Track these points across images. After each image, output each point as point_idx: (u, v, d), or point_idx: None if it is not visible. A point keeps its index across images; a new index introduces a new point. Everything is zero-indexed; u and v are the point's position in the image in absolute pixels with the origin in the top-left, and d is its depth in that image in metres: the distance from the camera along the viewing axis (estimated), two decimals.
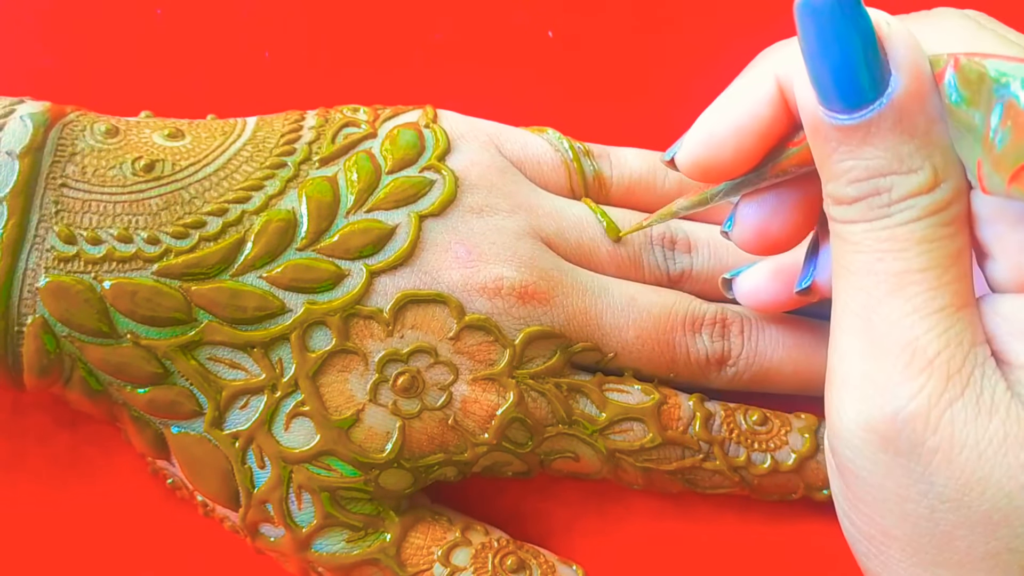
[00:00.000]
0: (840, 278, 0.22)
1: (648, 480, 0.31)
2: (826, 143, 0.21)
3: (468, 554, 0.30)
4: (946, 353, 0.20)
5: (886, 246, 0.21)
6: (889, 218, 0.21)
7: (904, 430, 0.20)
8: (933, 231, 0.21)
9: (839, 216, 0.22)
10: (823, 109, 0.21)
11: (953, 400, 0.20)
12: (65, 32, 0.36)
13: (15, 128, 0.28)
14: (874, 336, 0.21)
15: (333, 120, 0.31)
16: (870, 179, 0.21)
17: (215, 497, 0.29)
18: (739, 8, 0.37)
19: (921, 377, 0.20)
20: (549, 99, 0.36)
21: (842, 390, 0.22)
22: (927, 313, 0.21)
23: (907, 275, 0.21)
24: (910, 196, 0.21)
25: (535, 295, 0.29)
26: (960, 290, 0.21)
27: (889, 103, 0.20)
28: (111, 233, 0.28)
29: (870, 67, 0.20)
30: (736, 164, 0.24)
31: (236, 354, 0.28)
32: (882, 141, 0.20)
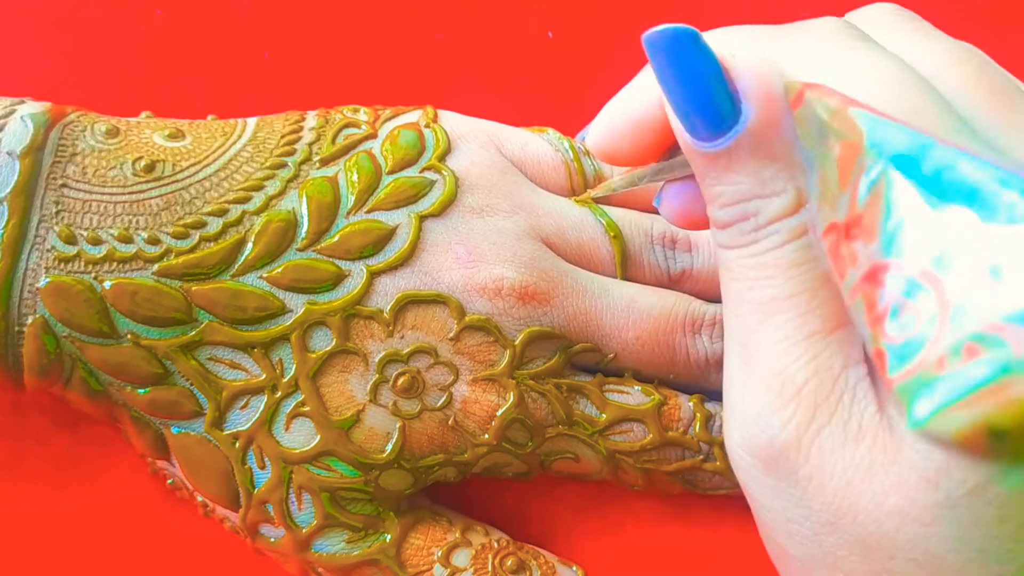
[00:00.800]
0: (724, 305, 0.22)
1: (648, 481, 0.31)
2: (697, 167, 0.22)
3: (468, 555, 0.30)
4: (814, 381, 0.21)
5: (754, 274, 0.21)
6: (757, 244, 0.21)
7: (780, 457, 0.21)
8: (800, 254, 0.21)
9: (718, 240, 0.22)
10: (689, 137, 0.21)
11: (821, 428, 0.20)
12: (65, 32, 0.36)
13: (16, 128, 0.28)
14: (749, 364, 0.21)
15: (333, 121, 0.31)
16: (738, 203, 0.21)
17: (215, 498, 0.29)
18: (738, 9, 0.37)
19: (791, 406, 0.21)
20: (549, 99, 0.36)
21: (728, 415, 0.22)
22: (796, 340, 0.21)
23: (776, 303, 0.21)
24: (776, 220, 0.21)
25: (535, 296, 0.29)
26: (832, 311, 0.21)
27: (744, 130, 0.20)
28: (111, 233, 0.28)
29: (720, 97, 0.20)
30: (637, 154, 0.24)
31: (236, 354, 0.28)
32: (743, 167, 0.21)
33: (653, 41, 0.21)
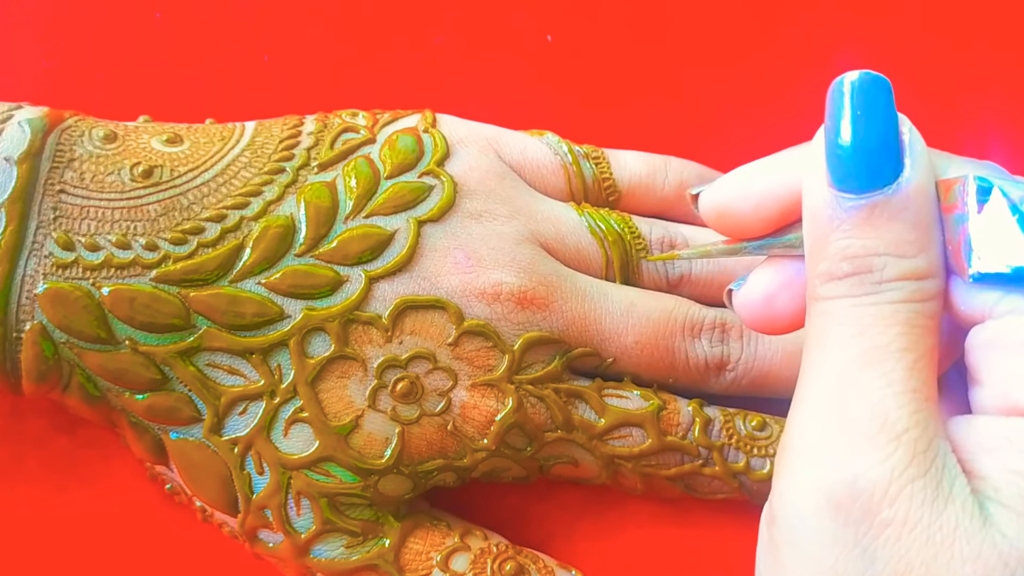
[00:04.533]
0: (814, 350, 0.22)
1: (647, 485, 0.31)
2: (827, 224, 0.22)
3: (467, 559, 0.30)
4: (915, 431, 0.20)
5: (870, 320, 0.21)
6: (878, 295, 0.21)
7: (860, 497, 0.20)
8: (916, 317, 0.21)
9: (827, 293, 0.22)
10: (833, 190, 0.21)
11: (915, 477, 0.20)
12: (63, 36, 0.36)
13: (13, 134, 0.28)
14: (843, 404, 0.21)
15: (332, 125, 0.31)
16: (866, 256, 0.21)
17: (214, 503, 0.29)
18: (738, 11, 0.37)
19: (888, 447, 0.20)
20: (548, 103, 0.36)
21: (799, 453, 0.21)
22: (900, 390, 0.21)
23: (886, 351, 0.21)
24: (902, 278, 0.21)
25: (534, 300, 0.29)
26: (929, 381, 0.21)
27: (901, 190, 0.21)
28: (109, 239, 0.28)
29: (888, 151, 0.21)
30: (752, 222, 0.24)
31: (235, 360, 0.28)
32: (886, 224, 0.21)
33: (856, 78, 0.21)
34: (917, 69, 0.37)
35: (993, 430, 0.21)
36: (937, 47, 0.37)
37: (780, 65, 0.37)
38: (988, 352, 0.21)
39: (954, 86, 0.36)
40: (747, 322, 0.25)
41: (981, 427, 0.21)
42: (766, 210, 0.23)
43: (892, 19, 0.37)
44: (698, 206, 0.25)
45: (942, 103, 0.36)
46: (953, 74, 0.37)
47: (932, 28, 0.37)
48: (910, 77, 0.37)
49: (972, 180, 0.21)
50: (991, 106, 0.36)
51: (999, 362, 0.21)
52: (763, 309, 0.24)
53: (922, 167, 0.21)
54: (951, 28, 0.37)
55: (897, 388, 0.21)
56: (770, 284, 0.24)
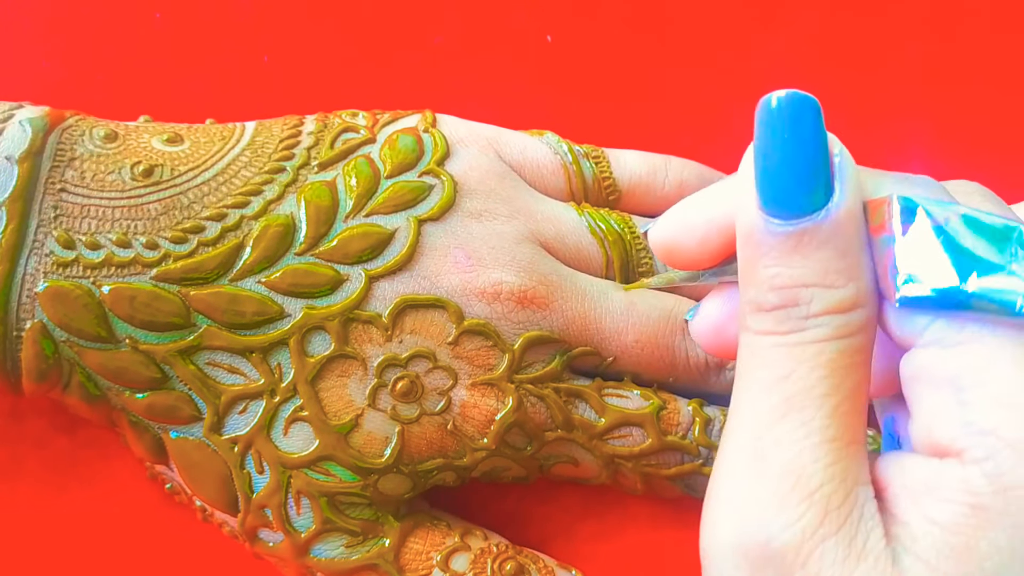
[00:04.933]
0: (739, 390, 0.21)
1: (647, 485, 0.31)
2: (757, 248, 0.21)
3: (467, 559, 0.30)
4: (829, 487, 0.20)
5: (791, 364, 0.20)
6: (802, 333, 0.20)
7: (774, 559, 0.20)
8: (840, 356, 0.20)
9: (754, 326, 0.21)
10: (762, 212, 0.21)
11: (827, 537, 0.20)
12: (64, 36, 0.36)
13: (14, 133, 0.28)
14: (761, 456, 0.20)
15: (332, 125, 0.31)
16: (793, 287, 0.21)
17: (214, 502, 0.29)
18: (737, 12, 0.37)
19: (800, 507, 0.20)
20: (548, 103, 0.36)
21: (719, 506, 0.21)
22: (818, 441, 0.20)
23: (806, 397, 0.20)
24: (828, 312, 0.20)
25: (534, 300, 0.29)
26: (852, 424, 0.20)
27: (830, 216, 0.20)
28: (110, 238, 0.28)
29: (817, 176, 0.20)
30: (700, 255, 0.23)
31: (235, 359, 0.28)
32: (814, 252, 0.20)
33: (778, 101, 0.20)
34: (917, 68, 0.37)
35: (917, 472, 0.20)
36: (936, 44, 0.37)
37: (780, 65, 0.37)
38: (914, 385, 0.21)
39: (950, 83, 0.37)
40: (704, 349, 0.25)
41: (908, 467, 0.20)
42: (711, 243, 0.23)
43: (892, 19, 0.37)
44: (648, 244, 0.24)
45: (941, 104, 0.36)
46: (950, 71, 0.37)
47: (931, 25, 0.37)
48: (909, 77, 0.37)
49: (896, 201, 0.20)
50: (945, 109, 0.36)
51: (922, 397, 0.20)
52: (715, 338, 0.24)
53: (851, 190, 0.20)
54: (948, 25, 0.37)
55: (815, 439, 0.20)
56: (718, 314, 0.24)
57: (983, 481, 0.19)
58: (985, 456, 0.19)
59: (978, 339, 0.19)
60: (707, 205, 0.23)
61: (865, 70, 0.37)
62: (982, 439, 0.19)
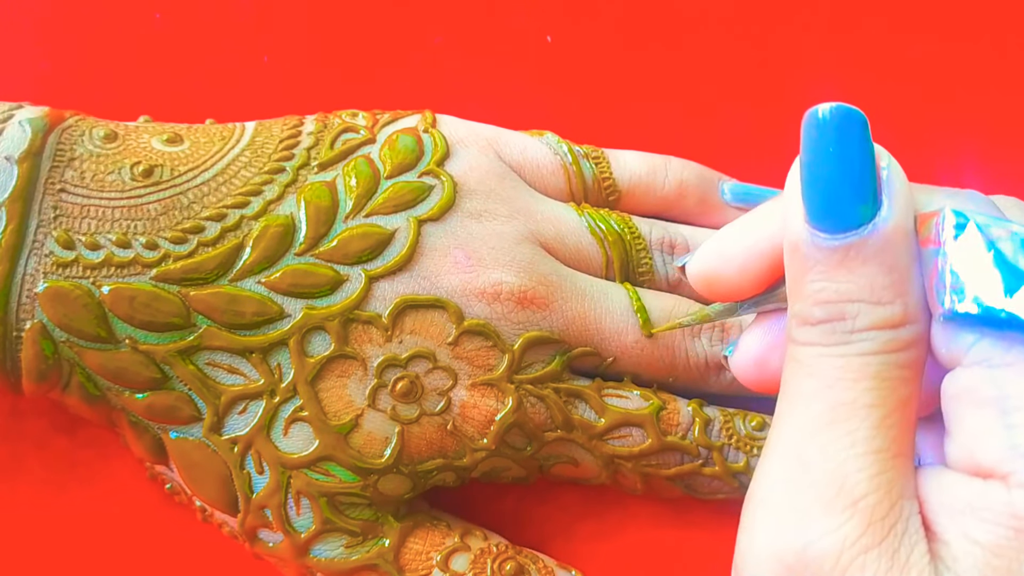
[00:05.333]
0: (784, 400, 0.21)
1: (647, 485, 0.31)
2: (804, 262, 0.21)
3: (467, 559, 0.30)
4: (873, 497, 0.20)
5: (838, 374, 0.20)
6: (848, 345, 0.20)
7: (811, 566, 0.20)
8: (887, 369, 0.20)
9: (800, 338, 0.21)
10: (808, 226, 0.21)
11: (869, 548, 0.20)
12: (64, 36, 0.36)
13: (14, 133, 0.28)
14: (804, 464, 0.20)
15: (332, 125, 0.31)
16: (839, 302, 0.20)
17: (213, 502, 0.29)
18: (737, 12, 0.37)
19: (842, 515, 0.20)
20: (548, 103, 0.36)
21: (758, 511, 0.21)
22: (863, 451, 0.20)
23: (851, 408, 0.20)
24: (874, 327, 0.20)
25: (534, 300, 0.29)
26: (899, 437, 0.20)
27: (876, 231, 0.20)
28: (110, 238, 0.28)
29: (863, 191, 0.20)
30: (742, 284, 0.23)
31: (235, 359, 0.28)
32: (860, 268, 0.20)
33: (824, 114, 0.20)
34: (916, 70, 0.37)
35: (958, 491, 0.20)
36: (937, 46, 0.37)
37: (780, 65, 0.37)
38: (956, 404, 0.20)
39: (954, 89, 0.36)
40: (746, 385, 0.24)
41: (948, 485, 0.20)
42: (752, 271, 0.23)
43: (892, 18, 0.37)
44: (686, 277, 0.24)
45: (945, 105, 0.36)
46: (951, 76, 0.37)
47: (932, 29, 0.37)
48: (908, 78, 0.37)
49: (949, 213, 0.20)
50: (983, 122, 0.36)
51: (965, 417, 0.20)
52: (756, 372, 0.24)
53: (900, 205, 0.20)
54: (951, 30, 0.37)
55: (860, 449, 0.20)
56: (760, 347, 0.24)
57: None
58: None
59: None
60: (745, 232, 0.23)
61: (867, 67, 0.37)
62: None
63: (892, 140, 0.35)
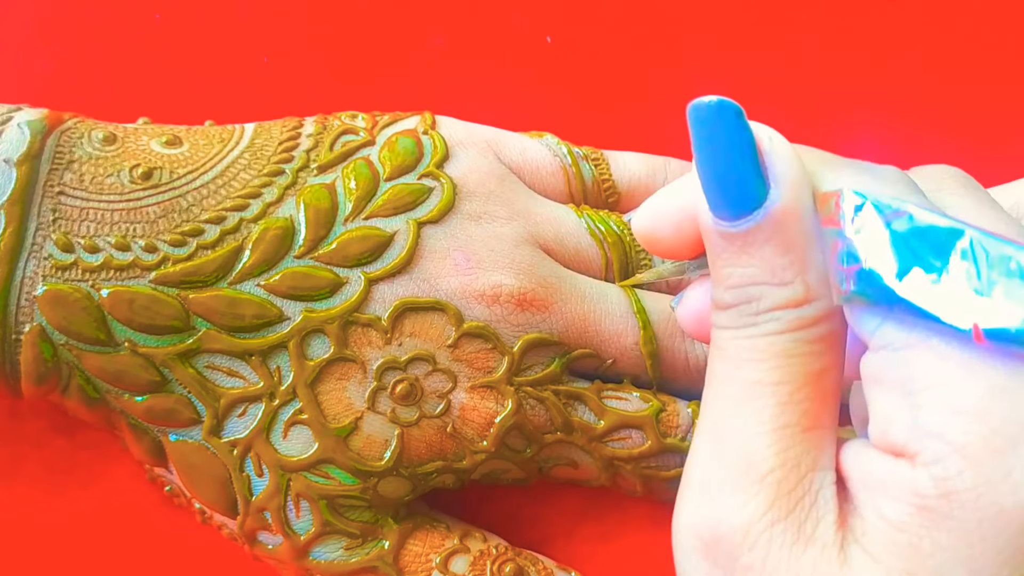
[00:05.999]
0: (707, 382, 0.22)
1: (647, 487, 0.31)
2: (713, 248, 0.21)
3: (466, 561, 0.30)
4: (780, 472, 0.20)
5: (746, 355, 0.21)
6: (755, 327, 0.21)
7: (723, 541, 0.20)
8: (794, 346, 0.21)
9: (716, 321, 0.22)
10: (711, 214, 0.21)
11: (775, 521, 0.20)
12: (63, 38, 0.36)
13: (12, 136, 0.28)
14: (720, 443, 0.21)
15: (331, 127, 0.31)
16: (745, 286, 0.21)
17: (213, 505, 0.29)
18: (736, 13, 0.37)
19: (750, 491, 0.20)
20: (547, 104, 0.36)
21: (684, 489, 0.22)
22: (770, 428, 0.21)
23: (759, 386, 0.21)
24: (777, 308, 0.21)
25: (533, 302, 0.29)
26: (812, 410, 0.21)
27: (766, 215, 0.20)
28: (109, 241, 0.28)
29: (749, 177, 0.20)
30: (678, 245, 0.23)
31: (234, 362, 0.28)
32: (758, 251, 0.21)
33: (696, 109, 0.21)
34: (918, 65, 0.37)
35: (874, 467, 0.20)
36: (937, 47, 0.37)
37: (780, 65, 0.37)
38: (869, 386, 0.21)
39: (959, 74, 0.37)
40: (689, 335, 0.25)
41: (867, 460, 0.21)
42: (687, 233, 0.23)
43: (892, 18, 0.37)
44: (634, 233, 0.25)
45: (948, 99, 0.37)
46: (951, 77, 0.37)
47: (932, 29, 0.37)
48: (908, 78, 0.37)
49: (848, 193, 0.20)
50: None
51: (877, 399, 0.21)
52: (697, 325, 0.24)
53: (789, 187, 0.21)
54: (950, 30, 0.37)
55: (767, 426, 0.21)
56: (701, 302, 0.24)
57: (930, 484, 0.19)
58: (933, 460, 0.19)
59: (926, 343, 0.20)
60: (679, 195, 0.23)
61: (866, 66, 0.37)
62: (931, 443, 0.19)
63: (891, 141, 0.35)
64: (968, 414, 0.19)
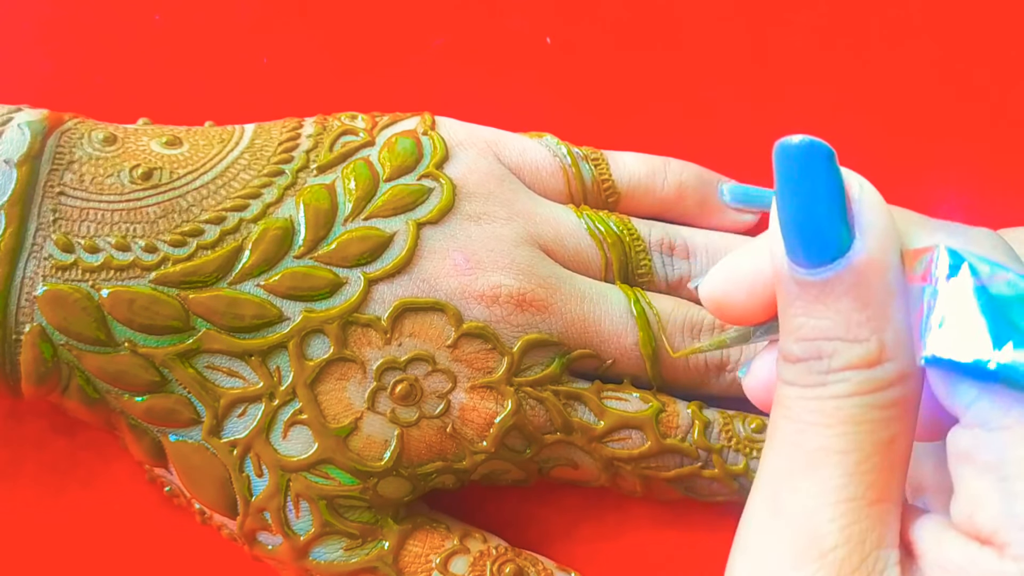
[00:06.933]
0: (768, 441, 0.21)
1: (647, 487, 0.31)
2: (785, 296, 0.20)
3: (466, 562, 0.30)
4: (844, 549, 0.19)
5: (812, 418, 0.20)
6: (823, 387, 0.20)
7: None
8: (863, 412, 0.20)
9: (782, 375, 0.21)
10: (788, 260, 0.20)
11: None
12: (63, 38, 0.36)
13: (13, 136, 0.28)
14: (779, 511, 0.20)
15: (331, 128, 0.31)
16: (816, 339, 0.20)
17: (212, 505, 0.29)
18: (736, 14, 0.37)
19: (811, 567, 0.19)
20: (547, 105, 0.36)
21: (737, 555, 0.21)
22: (834, 500, 0.20)
23: (824, 454, 0.20)
24: (849, 367, 0.20)
25: (533, 303, 0.29)
26: (879, 482, 0.20)
27: (848, 265, 0.19)
28: (109, 241, 0.28)
29: (834, 224, 0.19)
30: (752, 309, 0.22)
31: (234, 362, 0.28)
32: (835, 303, 0.20)
33: (785, 149, 0.19)
34: (920, 70, 0.37)
35: (953, 552, 0.20)
36: (936, 47, 0.37)
37: (780, 66, 0.37)
38: (957, 464, 0.20)
39: (953, 89, 0.36)
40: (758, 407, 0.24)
41: (946, 542, 0.20)
42: (760, 296, 0.22)
43: (892, 18, 0.37)
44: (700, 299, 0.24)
45: (955, 106, 0.36)
46: (950, 77, 0.37)
47: (930, 29, 0.37)
48: (908, 78, 0.36)
49: (943, 252, 0.19)
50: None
51: (965, 478, 0.20)
52: (766, 395, 0.23)
53: (875, 238, 0.19)
54: (947, 30, 0.37)
55: (831, 498, 0.20)
56: (769, 372, 0.23)
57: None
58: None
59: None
60: (753, 256, 0.22)
61: (866, 66, 0.37)
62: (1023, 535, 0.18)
63: (891, 143, 0.35)
64: None
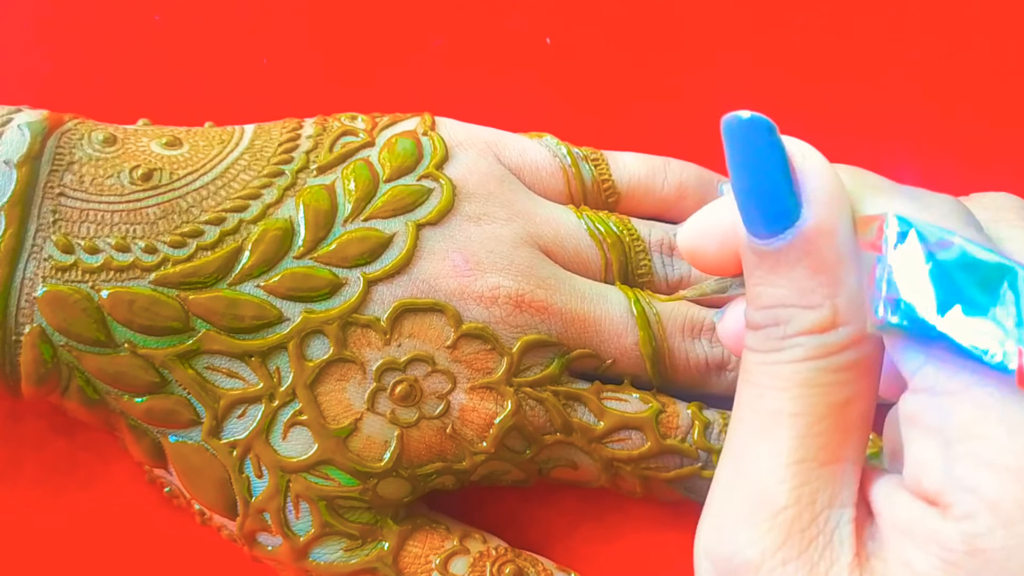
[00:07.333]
0: (734, 407, 0.22)
1: (647, 488, 0.31)
2: (747, 265, 0.21)
3: (466, 562, 0.30)
4: (794, 510, 0.20)
5: (769, 382, 0.20)
6: (779, 352, 0.20)
7: (736, 573, 0.20)
8: (816, 375, 0.20)
9: (747, 342, 0.21)
10: (745, 230, 0.20)
11: (787, 560, 0.20)
12: (63, 39, 0.36)
13: (13, 137, 0.28)
14: (739, 473, 0.21)
15: (331, 128, 0.31)
16: (774, 308, 0.20)
17: (212, 506, 0.29)
18: (736, 14, 0.37)
19: (763, 526, 0.20)
20: (547, 105, 0.36)
21: (704, 515, 0.21)
22: (786, 463, 0.20)
23: (778, 417, 0.20)
24: (802, 333, 0.20)
25: (532, 303, 0.29)
26: (831, 444, 0.20)
27: (796, 235, 0.20)
28: (109, 242, 0.28)
29: (781, 195, 0.20)
30: (723, 261, 0.23)
31: (234, 363, 0.28)
32: (788, 272, 0.20)
33: (728, 124, 0.20)
34: (921, 68, 0.37)
35: (903, 510, 0.20)
36: (935, 47, 0.37)
37: (779, 66, 0.37)
38: (906, 427, 0.20)
39: (963, 85, 0.36)
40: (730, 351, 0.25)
41: (899, 502, 0.20)
42: (731, 249, 0.22)
43: (892, 18, 0.37)
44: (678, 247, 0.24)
45: (952, 104, 0.36)
46: (949, 77, 0.37)
47: (928, 29, 0.37)
48: (913, 77, 0.37)
49: (892, 219, 0.19)
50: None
51: (914, 441, 0.20)
52: (736, 344, 0.24)
53: (821, 205, 0.20)
54: (946, 30, 0.37)
55: (783, 460, 0.20)
56: (739, 321, 0.23)
57: (958, 539, 0.19)
58: (965, 515, 0.19)
59: (967, 391, 0.19)
60: (725, 210, 0.22)
61: (865, 66, 0.37)
62: (964, 496, 0.19)
63: (891, 138, 0.35)
64: (1005, 471, 0.18)
